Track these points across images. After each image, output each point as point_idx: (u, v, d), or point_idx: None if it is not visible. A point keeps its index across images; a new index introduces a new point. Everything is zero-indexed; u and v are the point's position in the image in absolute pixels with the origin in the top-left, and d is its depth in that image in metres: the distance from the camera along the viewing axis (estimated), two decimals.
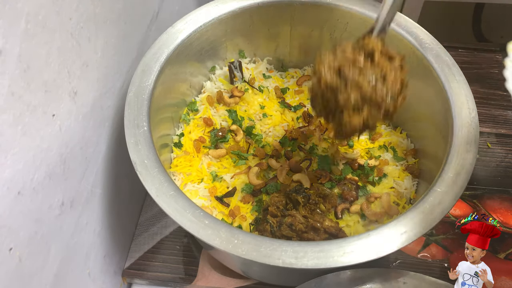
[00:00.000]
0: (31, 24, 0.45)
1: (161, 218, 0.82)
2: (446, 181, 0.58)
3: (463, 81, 0.67)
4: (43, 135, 0.50)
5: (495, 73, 1.04)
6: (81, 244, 0.63)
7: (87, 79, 0.59)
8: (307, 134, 0.79)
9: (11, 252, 0.46)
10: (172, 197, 0.56)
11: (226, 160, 0.76)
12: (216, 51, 0.82)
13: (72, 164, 0.58)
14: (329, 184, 0.72)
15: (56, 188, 0.54)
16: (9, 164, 0.44)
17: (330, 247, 0.52)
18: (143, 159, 0.59)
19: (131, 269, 0.77)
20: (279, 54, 0.89)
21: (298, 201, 0.66)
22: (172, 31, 0.73)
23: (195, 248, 0.78)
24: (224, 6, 0.77)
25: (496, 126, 0.95)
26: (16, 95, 0.44)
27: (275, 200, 0.67)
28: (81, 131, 0.59)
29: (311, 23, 0.82)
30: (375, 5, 0.76)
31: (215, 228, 0.54)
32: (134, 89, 0.66)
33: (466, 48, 1.09)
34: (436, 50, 0.70)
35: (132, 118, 0.63)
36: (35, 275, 0.51)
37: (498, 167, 0.89)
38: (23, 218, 0.48)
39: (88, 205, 0.64)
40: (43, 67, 0.49)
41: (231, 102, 0.82)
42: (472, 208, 0.83)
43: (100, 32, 0.61)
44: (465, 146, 0.61)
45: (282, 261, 0.51)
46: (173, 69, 0.73)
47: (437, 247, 0.78)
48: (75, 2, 0.53)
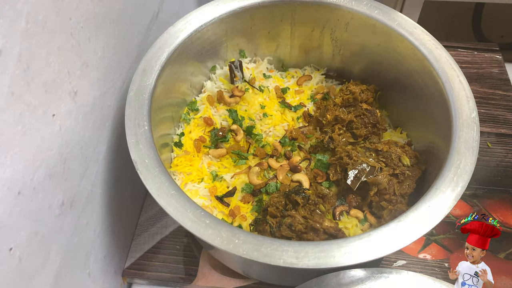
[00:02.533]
0: (31, 24, 0.45)
1: (161, 218, 0.82)
2: (446, 181, 0.58)
3: (463, 81, 0.67)
4: (43, 135, 0.50)
5: (495, 73, 1.04)
6: (81, 244, 0.63)
7: (87, 79, 0.59)
8: (307, 134, 0.79)
9: (11, 252, 0.46)
10: (173, 196, 0.56)
11: (226, 159, 0.76)
12: (217, 50, 0.82)
13: (72, 164, 0.57)
14: (327, 183, 0.72)
15: (56, 188, 0.54)
16: (9, 164, 0.44)
17: (331, 247, 0.52)
18: (144, 158, 0.59)
19: (131, 269, 0.77)
20: (279, 54, 0.89)
21: (298, 201, 0.66)
22: (173, 30, 0.73)
23: (195, 248, 0.78)
24: (225, 5, 0.77)
25: (496, 126, 0.95)
26: (16, 95, 0.44)
27: (274, 201, 0.67)
28: (81, 131, 0.59)
29: (312, 23, 0.82)
30: (375, 5, 0.76)
31: (216, 227, 0.54)
32: (135, 88, 0.66)
33: (466, 48, 1.09)
34: (436, 50, 0.70)
35: (133, 117, 0.63)
36: (35, 275, 0.51)
37: (498, 167, 0.89)
38: (23, 218, 0.48)
39: (88, 205, 0.64)
40: (43, 67, 0.48)
41: (232, 101, 0.82)
42: (472, 208, 0.83)
43: (100, 32, 0.61)
44: (465, 146, 0.61)
45: (283, 261, 0.51)
46: (173, 69, 0.72)
47: (437, 247, 0.78)
48: (75, 2, 0.53)
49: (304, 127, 0.80)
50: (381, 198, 0.68)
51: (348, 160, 0.69)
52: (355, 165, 0.68)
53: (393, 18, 0.74)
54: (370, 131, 0.77)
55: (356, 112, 0.77)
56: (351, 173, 0.68)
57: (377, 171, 0.67)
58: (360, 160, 0.68)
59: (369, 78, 0.83)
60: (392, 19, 0.74)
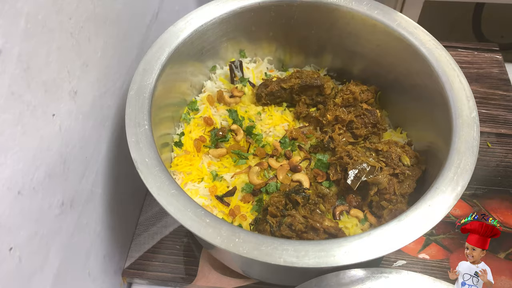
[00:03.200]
0: (31, 23, 0.45)
1: (161, 217, 0.82)
2: (446, 180, 0.58)
3: (464, 81, 0.67)
4: (43, 134, 0.50)
5: (495, 73, 1.04)
6: (81, 244, 0.63)
7: (87, 79, 0.59)
8: (307, 134, 0.79)
9: (11, 252, 0.46)
10: (173, 195, 0.56)
11: (227, 159, 0.76)
12: (217, 50, 0.82)
13: (72, 164, 0.57)
14: (327, 183, 0.72)
15: (56, 188, 0.54)
16: (9, 164, 0.44)
17: (331, 246, 0.52)
18: (144, 157, 0.59)
19: (131, 269, 0.77)
20: (279, 54, 0.89)
21: (298, 201, 0.66)
22: (173, 30, 0.73)
23: (195, 247, 0.78)
24: (225, 5, 0.77)
25: (496, 126, 0.95)
26: (16, 95, 0.44)
27: (274, 200, 0.67)
28: (81, 130, 0.59)
29: (312, 23, 0.82)
30: (375, 5, 0.76)
31: (216, 227, 0.53)
32: (135, 87, 0.66)
33: (466, 48, 1.09)
34: (436, 50, 0.70)
35: (133, 116, 0.63)
36: (35, 275, 0.51)
37: (498, 167, 0.89)
38: (23, 218, 0.48)
39: (88, 204, 0.64)
40: (43, 67, 0.48)
41: (232, 102, 0.82)
42: (472, 208, 0.83)
43: (100, 32, 0.61)
44: (465, 146, 0.61)
45: (284, 260, 0.51)
46: (174, 68, 0.72)
47: (437, 247, 0.78)
48: (75, 2, 0.53)
49: (304, 127, 0.80)
50: (381, 198, 0.68)
51: (348, 160, 0.69)
52: (355, 165, 0.68)
53: (393, 18, 0.74)
54: (370, 131, 0.77)
55: (356, 112, 0.77)
56: (351, 172, 0.68)
57: (377, 171, 0.67)
58: (360, 160, 0.68)
59: (369, 78, 0.83)
60: (392, 19, 0.74)
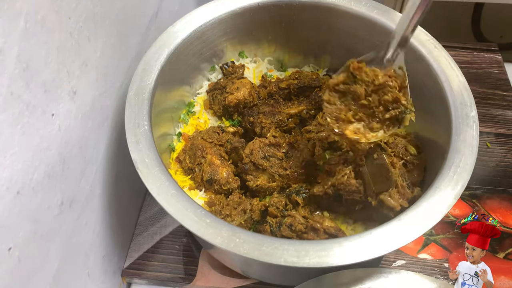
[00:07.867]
0: (30, 23, 0.45)
1: (160, 217, 0.82)
2: (446, 179, 0.58)
3: (463, 81, 0.67)
4: (42, 134, 0.50)
5: (495, 73, 1.04)
6: (80, 244, 0.63)
7: (86, 79, 0.59)
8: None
9: (10, 252, 0.46)
10: (173, 196, 0.56)
11: None
12: (216, 51, 0.82)
13: (71, 164, 0.57)
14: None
15: (55, 188, 0.54)
16: (8, 164, 0.44)
17: (331, 245, 0.52)
18: (144, 158, 0.59)
19: (131, 269, 0.76)
20: (279, 54, 0.89)
21: (298, 202, 0.66)
22: (172, 30, 0.73)
23: (195, 247, 0.78)
24: (225, 6, 0.77)
25: (495, 126, 0.95)
26: (15, 95, 0.44)
27: (274, 201, 0.67)
28: (81, 130, 0.59)
29: (311, 23, 0.82)
30: (374, 5, 0.76)
31: (217, 227, 0.53)
32: (134, 88, 0.66)
33: (466, 48, 1.09)
34: (435, 50, 0.70)
35: (132, 117, 0.63)
36: (34, 275, 0.51)
37: (497, 167, 0.89)
38: (22, 218, 0.48)
39: (88, 204, 0.64)
40: (42, 67, 0.48)
41: None
42: (472, 208, 0.83)
43: (99, 31, 0.61)
44: (465, 145, 0.61)
45: (284, 260, 0.51)
46: (173, 69, 0.72)
47: (437, 246, 0.78)
48: (74, 2, 0.53)
49: None
50: None
51: None
52: None
53: (392, 18, 0.74)
54: None
55: None
56: None
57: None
58: None
59: None
60: (391, 19, 0.74)
